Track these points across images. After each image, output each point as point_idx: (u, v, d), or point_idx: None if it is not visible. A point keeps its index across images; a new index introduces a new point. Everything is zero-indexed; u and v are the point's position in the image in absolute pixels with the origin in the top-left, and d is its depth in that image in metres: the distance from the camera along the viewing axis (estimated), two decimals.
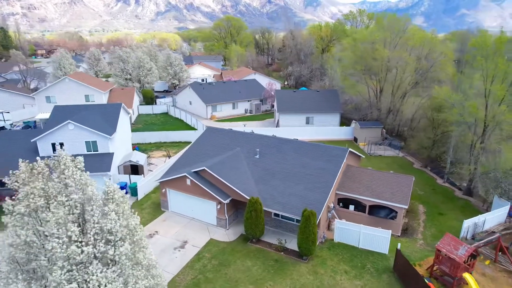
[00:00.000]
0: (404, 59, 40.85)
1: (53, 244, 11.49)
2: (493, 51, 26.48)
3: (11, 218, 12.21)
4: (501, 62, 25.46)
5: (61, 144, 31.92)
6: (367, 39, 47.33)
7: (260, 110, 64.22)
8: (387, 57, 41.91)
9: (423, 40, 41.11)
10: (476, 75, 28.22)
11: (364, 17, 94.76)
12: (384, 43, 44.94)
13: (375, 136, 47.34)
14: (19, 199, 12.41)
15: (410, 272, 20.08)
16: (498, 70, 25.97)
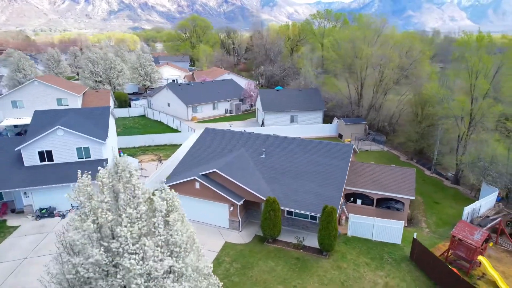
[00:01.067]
0: (388, 56, 42.83)
1: (132, 261, 10.65)
2: (476, 49, 28.71)
3: (80, 235, 11.10)
4: (486, 58, 27.68)
5: (48, 152, 29.68)
6: (348, 38, 48.91)
7: (240, 110, 63.93)
8: (371, 55, 43.64)
9: (404, 38, 43.40)
10: (462, 72, 30.37)
11: (331, 17, 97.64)
12: (364, 42, 46.71)
13: (359, 132, 49.09)
14: (85, 214, 11.35)
15: (431, 259, 21.13)
16: (482, 65, 28.18)
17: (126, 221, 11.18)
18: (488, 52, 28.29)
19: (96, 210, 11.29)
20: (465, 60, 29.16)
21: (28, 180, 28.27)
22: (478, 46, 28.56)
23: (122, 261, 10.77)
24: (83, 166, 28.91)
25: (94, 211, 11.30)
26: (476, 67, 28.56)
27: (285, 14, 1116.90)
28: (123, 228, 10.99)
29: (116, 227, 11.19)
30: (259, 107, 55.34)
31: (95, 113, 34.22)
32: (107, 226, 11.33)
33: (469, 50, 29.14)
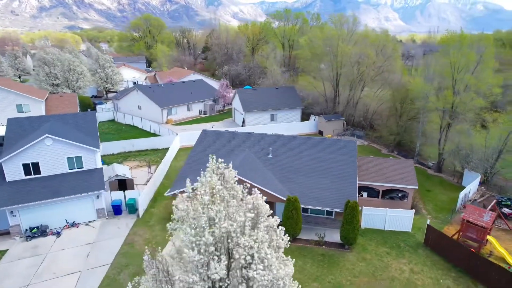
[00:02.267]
0: (366, 54, 44.93)
1: (259, 271, 10.07)
2: (459, 46, 31.38)
3: (194, 252, 10.15)
4: (471, 55, 30.42)
5: (35, 164, 26.69)
6: (325, 37, 50.38)
7: (214, 111, 62.83)
8: (348, 53, 45.43)
9: (378, 37, 45.86)
10: (445, 68, 32.96)
11: (291, 16, 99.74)
12: (341, 40, 48.47)
13: (339, 128, 50.94)
14: (201, 226, 10.42)
15: (448, 243, 22.68)
16: (466, 61, 30.89)
17: (247, 229, 10.51)
18: (469, 49, 31.11)
19: (212, 221, 10.44)
20: (449, 56, 31.77)
21: (13, 197, 25.14)
22: (460, 44, 31.27)
23: (249, 273, 10.11)
24: (76, 178, 26.89)
25: (211, 223, 10.44)
26: (459, 63, 31.23)
27: (230, 14, 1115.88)
28: (247, 238, 10.31)
29: (237, 237, 10.45)
30: (238, 107, 54.88)
31: (80, 119, 31.43)
32: (225, 237, 10.56)
33: (452, 47, 31.76)
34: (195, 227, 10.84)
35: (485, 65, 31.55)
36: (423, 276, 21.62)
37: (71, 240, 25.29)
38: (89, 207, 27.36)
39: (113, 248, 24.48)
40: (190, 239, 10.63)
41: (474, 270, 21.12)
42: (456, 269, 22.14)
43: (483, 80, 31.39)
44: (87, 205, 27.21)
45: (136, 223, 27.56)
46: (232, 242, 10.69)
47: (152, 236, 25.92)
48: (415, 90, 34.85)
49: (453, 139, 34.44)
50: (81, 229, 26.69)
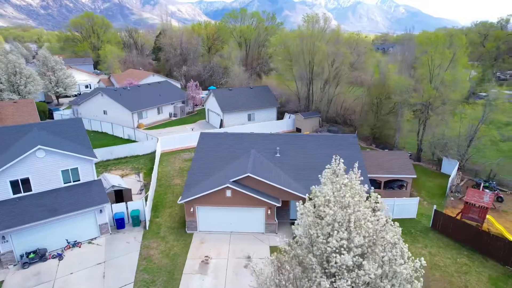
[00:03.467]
0: (342, 52, 46.82)
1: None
2: (436, 44, 34.28)
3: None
4: (448, 52, 33.40)
5: (25, 180, 23.56)
6: (299, 36, 51.43)
7: (185, 113, 60.75)
8: (323, 51, 46.95)
9: (351, 36, 48.08)
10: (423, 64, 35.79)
11: (247, 15, 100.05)
12: (315, 40, 49.93)
13: (315, 125, 52.48)
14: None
15: (456, 225, 24.73)
16: (442, 58, 33.88)
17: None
18: (445, 47, 34.13)
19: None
20: (427, 53, 34.57)
21: (3, 220, 21.94)
22: (437, 43, 34.16)
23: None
24: (73, 192, 24.45)
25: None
26: (436, 60, 34.15)
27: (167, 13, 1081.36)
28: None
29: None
30: (213, 108, 53.75)
31: (66, 127, 28.30)
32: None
33: (430, 46, 34.58)
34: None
35: (458, 62, 34.93)
36: (441, 257, 23.32)
37: (78, 262, 22.81)
38: (91, 224, 24.89)
39: (130, 265, 22.60)
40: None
41: (483, 247, 23.32)
42: (466, 247, 24.23)
43: (456, 75, 34.68)
44: (89, 221, 24.72)
45: (145, 236, 25.71)
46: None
47: (168, 248, 24.40)
48: (396, 86, 37.23)
49: (431, 130, 37.46)
50: (85, 249, 24.18)
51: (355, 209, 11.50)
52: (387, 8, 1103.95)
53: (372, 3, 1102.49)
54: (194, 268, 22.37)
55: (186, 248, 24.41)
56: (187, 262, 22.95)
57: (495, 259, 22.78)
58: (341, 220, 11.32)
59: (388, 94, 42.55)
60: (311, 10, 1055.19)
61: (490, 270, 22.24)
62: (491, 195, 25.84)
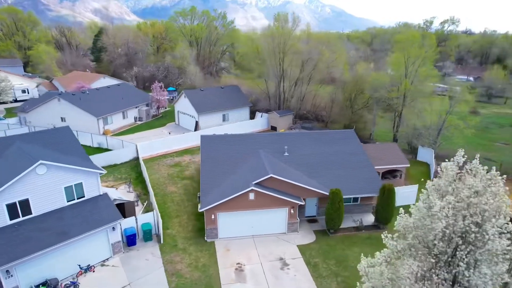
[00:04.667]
0: (316, 51, 48.14)
1: None
2: (412, 43, 37.24)
3: None
4: (422, 50, 36.49)
5: (24, 202, 20.29)
6: (270, 35, 51.63)
7: (150, 116, 57.34)
8: (300, 50, 47.89)
9: (326, 35, 49.70)
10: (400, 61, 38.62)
11: (196, 15, 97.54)
12: (286, 39, 50.68)
13: (290, 122, 53.42)
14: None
15: None
16: (417, 55, 36.97)
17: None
18: (419, 45, 37.21)
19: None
20: (405, 51, 37.36)
21: (5, 252, 18.64)
22: (412, 41, 37.08)
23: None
24: (80, 210, 22.03)
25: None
26: (412, 57, 37.12)
27: (91, 10, 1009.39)
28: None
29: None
30: (186, 109, 51.58)
31: (54, 138, 24.93)
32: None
33: (406, 43, 37.41)
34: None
35: (428, 58, 38.36)
36: None
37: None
38: (103, 243, 22.35)
39: (159, 284, 20.84)
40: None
41: None
42: None
43: (427, 71, 38.10)
44: (101, 241, 22.16)
45: (163, 250, 23.85)
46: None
47: (194, 260, 22.97)
48: (375, 82, 39.61)
49: (405, 122, 40.59)
50: (101, 272, 21.65)
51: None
52: (314, 8, 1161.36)
53: (300, 3, 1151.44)
54: (231, 277, 21.39)
55: (213, 257, 23.21)
56: (221, 272, 21.85)
57: None
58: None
59: (361, 90, 45.01)
60: (243, 9, 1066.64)
61: None
62: None
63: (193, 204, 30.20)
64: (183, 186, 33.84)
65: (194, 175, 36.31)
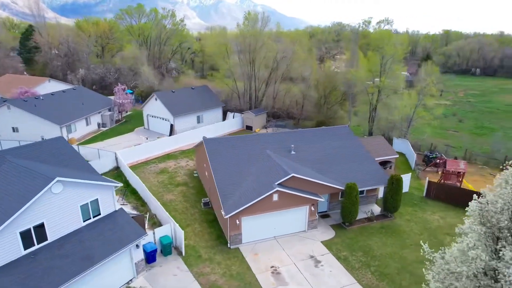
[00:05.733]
0: (292, 50, 48.81)
1: None
2: (386, 42, 39.91)
3: None
4: (397, 49, 39.31)
5: (39, 227, 17.58)
6: (241, 35, 51.04)
7: (114, 121, 53.17)
8: (275, 48, 48.16)
9: (298, 33, 50.50)
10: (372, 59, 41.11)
11: (143, 13, 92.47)
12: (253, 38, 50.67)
13: (263, 121, 53.67)
14: None
15: (448, 190, 29.96)
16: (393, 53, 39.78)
17: None
18: (393, 44, 39.96)
19: None
20: (381, 49, 39.87)
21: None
22: (388, 40, 39.68)
23: None
24: (98, 230, 20.03)
25: None
26: (387, 54, 39.81)
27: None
28: None
29: None
30: (158, 113, 48.82)
31: (49, 150, 21.89)
32: None
33: (383, 42, 39.94)
34: None
35: (399, 56, 41.50)
36: (451, 220, 27.90)
37: None
38: (126, 264, 20.33)
39: None
40: None
41: None
42: (459, 207, 29.56)
43: (398, 67, 41.24)
44: (124, 261, 20.14)
45: (188, 263, 22.46)
46: None
47: (226, 269, 22.03)
48: (354, 78, 41.66)
49: (380, 115, 43.42)
50: None
51: None
52: (246, 7, 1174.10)
53: (232, 2, 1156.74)
54: (270, 282, 20.95)
55: (244, 264, 22.49)
56: (258, 278, 21.28)
57: None
58: None
59: (335, 86, 46.99)
60: (174, 7, 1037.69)
61: None
62: (465, 162, 32.25)
63: (199, 211, 28.87)
64: (181, 193, 32.12)
65: (187, 180, 34.68)
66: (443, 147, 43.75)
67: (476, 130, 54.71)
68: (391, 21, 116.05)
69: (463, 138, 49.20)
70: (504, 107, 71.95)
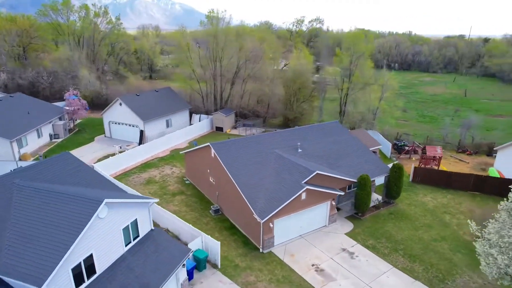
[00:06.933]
0: (261, 49, 48.57)
1: None
2: (358, 40, 42.52)
3: None
4: (367, 47, 42.07)
5: (87, 260, 15.08)
6: (207, 34, 49.19)
7: (67, 131, 47.24)
8: (243, 47, 47.49)
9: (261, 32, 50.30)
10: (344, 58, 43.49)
11: (71, 9, 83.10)
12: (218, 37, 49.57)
13: (232, 121, 53.00)
14: None
15: (432, 174, 33.37)
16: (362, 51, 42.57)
17: None
18: (363, 43, 42.67)
19: None
20: (351, 48, 42.27)
21: None
22: (358, 39, 42.16)
23: None
24: (143, 255, 18.44)
25: None
26: (357, 52, 42.49)
27: None
28: None
29: None
30: (122, 119, 44.74)
31: (59, 167, 18.73)
32: None
33: (354, 41, 42.37)
34: None
35: (368, 53, 44.63)
36: (441, 200, 31.13)
37: None
38: (173, 287, 18.51)
39: None
40: None
41: (453, 184, 32.66)
42: (441, 187, 33.16)
43: (368, 64, 44.43)
44: (171, 285, 18.29)
45: (229, 274, 21.38)
46: None
47: (270, 274, 21.51)
48: (328, 75, 43.56)
49: (350, 108, 46.28)
50: None
51: None
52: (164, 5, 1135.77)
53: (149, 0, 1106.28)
54: (319, 279, 21.07)
55: (284, 266, 22.19)
56: (305, 277, 21.23)
57: (464, 190, 32.49)
58: None
59: (304, 84, 48.60)
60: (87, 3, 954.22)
61: (465, 196, 31.73)
62: (440, 148, 36.18)
63: (211, 219, 27.54)
64: (182, 202, 30.19)
65: (182, 189, 32.71)
66: (404, 136, 48.37)
67: (420, 118, 61.54)
68: (322, 20, 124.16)
69: (414, 126, 54.98)
70: (430, 97, 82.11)
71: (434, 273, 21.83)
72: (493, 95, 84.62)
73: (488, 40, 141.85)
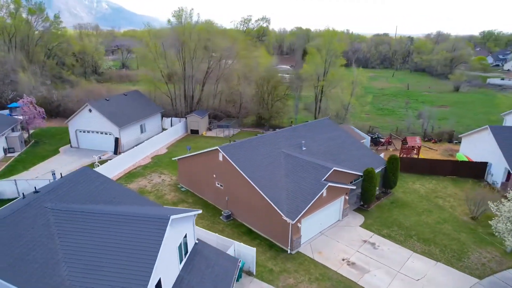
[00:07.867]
0: (234, 49, 47.50)
1: None
2: (331, 39, 43.94)
3: None
4: (340, 46, 43.71)
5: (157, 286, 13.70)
6: (173, 32, 46.76)
7: (23, 144, 41.74)
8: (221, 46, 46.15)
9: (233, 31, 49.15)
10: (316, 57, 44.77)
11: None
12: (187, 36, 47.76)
13: (207, 123, 51.58)
14: None
15: (417, 163, 36.10)
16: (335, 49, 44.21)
17: None
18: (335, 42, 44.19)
19: None
20: (325, 47, 43.57)
21: None
22: (332, 38, 43.57)
23: None
24: (198, 272, 17.42)
25: None
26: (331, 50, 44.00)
27: None
28: None
29: None
30: (93, 126, 40.85)
31: (87, 184, 16.60)
32: None
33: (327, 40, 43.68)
34: None
35: (340, 51, 46.47)
36: (429, 185, 33.74)
37: None
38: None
39: None
40: None
41: (434, 170, 35.73)
42: (424, 174, 36.00)
43: (340, 61, 46.33)
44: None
45: (267, 280, 20.91)
46: None
47: (307, 274, 21.50)
48: (306, 74, 44.44)
49: (325, 105, 47.93)
50: None
51: None
52: (89, 3, 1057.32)
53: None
54: (354, 273, 21.59)
55: (316, 265, 22.31)
56: (341, 272, 21.60)
57: (444, 174, 35.72)
58: None
59: (278, 83, 49.15)
60: None
61: (447, 181, 34.92)
62: (419, 138, 39.19)
63: (225, 225, 26.62)
64: None
65: (181, 197, 31.08)
66: (375, 129, 51.44)
67: (378, 111, 65.92)
68: (268, 19, 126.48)
69: (377, 120, 58.78)
70: (378, 91, 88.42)
71: (450, 253, 23.71)
72: (430, 88, 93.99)
73: (413, 39, 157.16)
